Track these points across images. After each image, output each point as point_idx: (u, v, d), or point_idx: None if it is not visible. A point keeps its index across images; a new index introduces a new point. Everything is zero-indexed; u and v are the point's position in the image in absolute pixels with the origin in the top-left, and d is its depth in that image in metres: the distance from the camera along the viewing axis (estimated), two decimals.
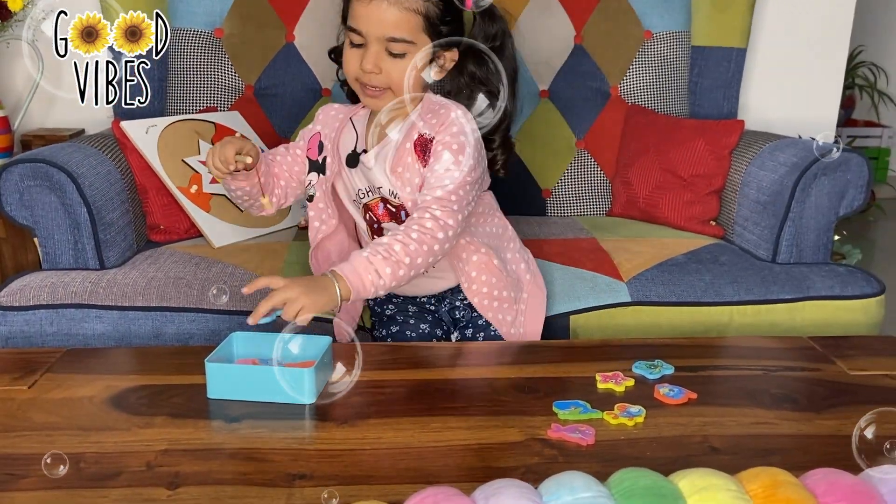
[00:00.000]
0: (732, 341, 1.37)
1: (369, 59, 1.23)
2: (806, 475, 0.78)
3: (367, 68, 1.23)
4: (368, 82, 1.25)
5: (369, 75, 1.23)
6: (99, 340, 1.44)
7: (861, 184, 1.66)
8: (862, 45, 4.04)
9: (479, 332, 1.38)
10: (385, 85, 1.25)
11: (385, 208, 1.32)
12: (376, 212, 1.33)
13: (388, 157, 1.28)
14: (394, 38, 1.22)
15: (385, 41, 1.22)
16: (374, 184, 1.31)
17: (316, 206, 1.36)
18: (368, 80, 1.24)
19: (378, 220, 1.33)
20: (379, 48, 1.22)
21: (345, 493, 0.83)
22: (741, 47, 2.05)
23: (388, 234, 1.20)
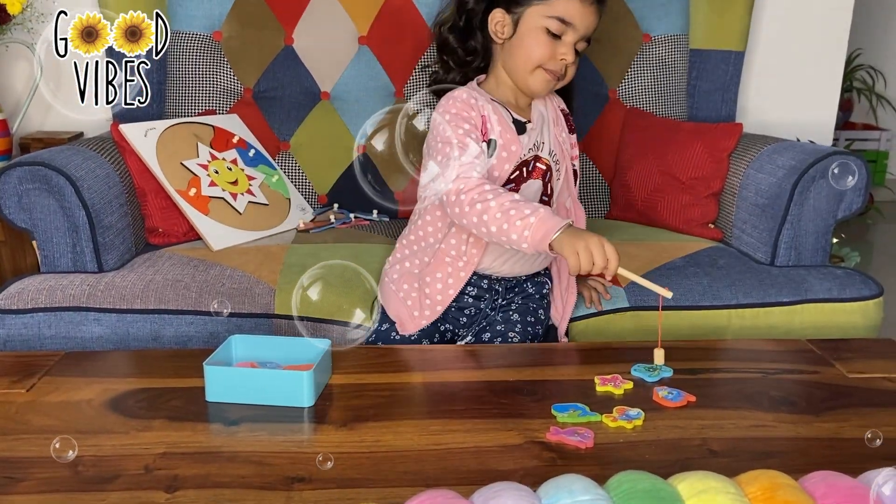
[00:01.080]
0: (731, 344, 1.37)
1: (571, 50, 1.35)
2: (805, 478, 0.78)
3: (569, 59, 1.35)
4: (556, 70, 1.35)
5: (562, 64, 1.35)
6: (97, 343, 1.44)
7: (859, 186, 1.66)
8: (860, 48, 4.05)
9: (496, 338, 1.39)
10: (563, 75, 1.37)
11: (535, 166, 1.40)
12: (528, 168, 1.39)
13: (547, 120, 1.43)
14: (590, 38, 1.37)
15: (581, 39, 1.36)
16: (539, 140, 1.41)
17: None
18: (558, 69, 1.35)
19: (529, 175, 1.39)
20: (578, 43, 1.35)
21: (343, 496, 0.84)
22: (739, 50, 2.05)
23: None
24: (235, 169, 1.77)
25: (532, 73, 1.36)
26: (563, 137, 1.46)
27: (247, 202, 1.74)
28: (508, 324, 1.40)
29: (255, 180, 1.79)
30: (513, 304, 1.43)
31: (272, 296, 1.47)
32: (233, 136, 1.83)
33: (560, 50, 1.34)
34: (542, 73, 1.36)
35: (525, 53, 1.36)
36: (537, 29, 1.34)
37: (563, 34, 1.34)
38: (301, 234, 1.77)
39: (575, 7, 1.33)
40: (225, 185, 1.73)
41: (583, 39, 1.36)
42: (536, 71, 1.36)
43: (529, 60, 1.36)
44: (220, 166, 1.75)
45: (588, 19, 1.34)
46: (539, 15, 1.34)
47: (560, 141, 1.45)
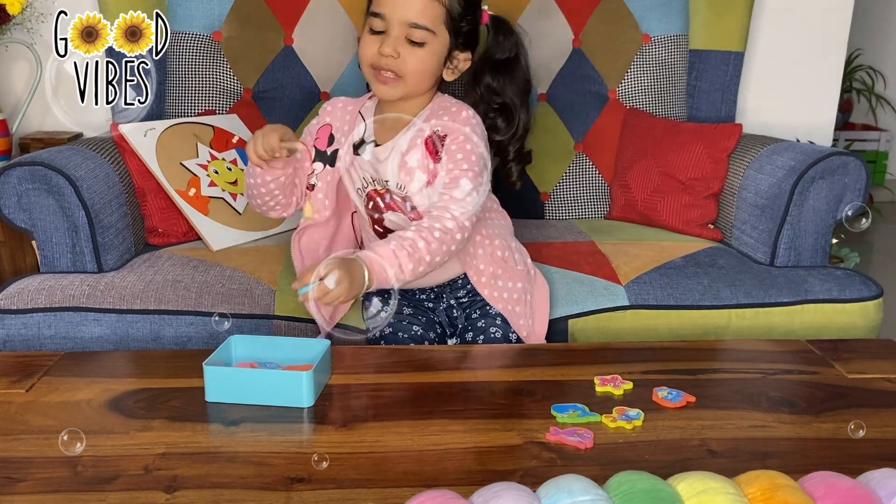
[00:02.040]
0: (730, 344, 1.37)
1: (389, 42, 1.26)
2: (804, 478, 0.78)
3: (385, 52, 1.25)
4: (385, 66, 1.27)
5: (387, 59, 1.26)
6: (97, 344, 1.44)
7: (859, 187, 1.66)
8: (859, 48, 4.05)
9: (479, 335, 1.38)
10: (400, 72, 1.27)
11: (391, 198, 1.35)
12: (383, 200, 1.36)
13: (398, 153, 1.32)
14: (416, 24, 1.25)
15: (407, 27, 1.25)
16: (382, 176, 1.34)
17: (315, 196, 1.38)
18: (385, 64, 1.27)
19: (382, 210, 1.36)
20: (399, 34, 1.26)
21: (343, 496, 0.84)
22: (739, 51, 2.05)
23: (409, 228, 1.23)
24: (235, 169, 1.77)
25: (370, 76, 1.31)
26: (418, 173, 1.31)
27: (246, 202, 1.74)
28: (488, 318, 1.38)
29: None
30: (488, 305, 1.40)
31: (272, 296, 1.47)
32: (232, 136, 1.82)
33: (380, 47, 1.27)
34: (374, 74, 1.30)
35: (360, 56, 1.32)
36: (366, 29, 1.30)
37: (385, 30, 1.27)
38: None
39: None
40: (225, 186, 1.73)
41: (411, 27, 1.25)
42: (370, 72, 1.30)
43: (363, 62, 1.31)
44: (219, 166, 1.75)
45: (401, 4, 1.24)
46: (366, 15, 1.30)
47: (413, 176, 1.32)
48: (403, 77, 1.28)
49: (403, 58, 1.26)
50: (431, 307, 1.44)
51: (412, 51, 1.27)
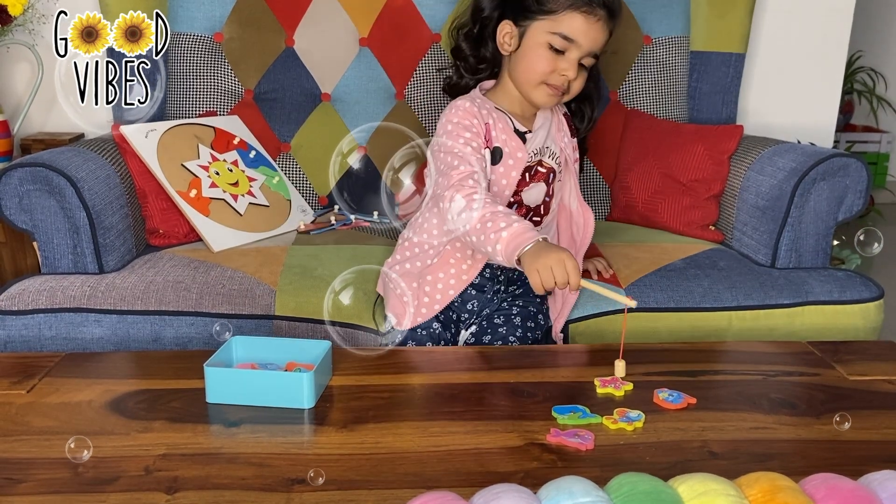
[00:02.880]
0: (731, 346, 1.37)
1: (574, 67, 1.35)
2: (805, 480, 0.78)
3: (571, 76, 1.35)
4: (559, 84, 1.36)
5: (564, 79, 1.35)
6: (98, 344, 1.44)
7: (860, 189, 1.66)
8: (860, 50, 4.05)
9: (497, 340, 1.39)
10: (566, 90, 1.38)
11: (537, 170, 1.43)
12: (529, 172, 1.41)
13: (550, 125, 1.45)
14: (596, 54, 1.37)
15: (587, 55, 1.35)
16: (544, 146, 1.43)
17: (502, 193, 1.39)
18: (561, 84, 1.36)
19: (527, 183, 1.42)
20: (578, 58, 1.35)
21: (343, 497, 0.84)
22: (740, 52, 2.05)
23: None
24: (236, 170, 1.77)
25: (536, 86, 1.38)
26: (566, 142, 1.48)
27: (247, 203, 1.74)
28: (510, 326, 1.40)
29: (255, 182, 1.79)
30: (515, 304, 1.43)
31: (273, 297, 1.47)
32: (233, 137, 1.83)
33: (562, 66, 1.35)
34: (545, 88, 1.37)
35: (528, 67, 1.37)
36: (541, 44, 1.35)
37: (566, 50, 1.34)
38: (301, 236, 1.77)
39: (579, 24, 1.33)
40: (226, 187, 1.73)
41: (589, 55, 1.36)
42: (539, 85, 1.37)
43: (532, 74, 1.37)
44: (220, 167, 1.75)
45: (593, 37, 1.34)
46: (543, 30, 1.35)
47: (563, 145, 1.47)
48: (568, 94, 1.39)
49: (575, 79, 1.37)
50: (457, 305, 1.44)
51: (581, 73, 1.38)
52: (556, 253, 1.15)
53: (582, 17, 1.33)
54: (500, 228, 1.20)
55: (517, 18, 1.38)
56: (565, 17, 1.33)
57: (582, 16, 1.33)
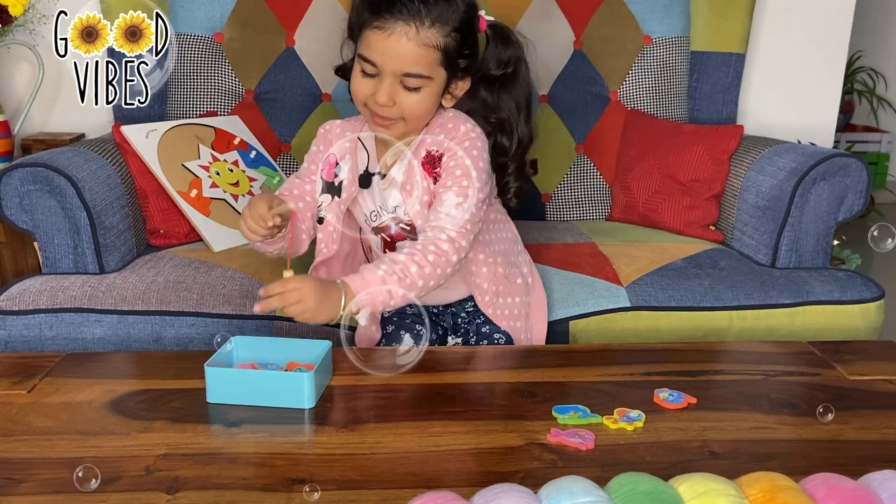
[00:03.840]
0: (732, 346, 1.37)
1: (383, 92, 1.18)
2: (805, 480, 0.78)
3: (380, 101, 1.18)
4: (380, 113, 1.21)
5: (382, 107, 1.20)
6: (98, 345, 1.44)
7: (860, 189, 1.66)
8: (861, 50, 4.04)
9: (482, 340, 1.37)
10: (398, 116, 1.21)
11: (398, 228, 1.31)
12: (388, 231, 1.32)
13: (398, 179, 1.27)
14: (410, 73, 1.17)
15: (400, 76, 1.18)
16: (390, 203, 1.29)
17: (325, 228, 1.30)
18: (380, 112, 1.20)
19: (393, 239, 1.32)
20: (393, 81, 1.18)
21: (344, 497, 0.84)
22: (740, 52, 2.05)
23: (401, 249, 1.20)
24: (237, 170, 1.77)
25: (365, 112, 1.24)
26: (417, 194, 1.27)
27: None
28: (491, 325, 1.37)
29: (256, 182, 1.79)
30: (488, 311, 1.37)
31: None
32: (234, 137, 1.83)
33: (372, 91, 1.19)
34: (369, 114, 1.23)
35: (352, 93, 1.23)
36: (357, 69, 1.21)
37: (377, 74, 1.18)
38: None
39: (372, 43, 1.16)
40: (226, 187, 1.73)
41: (405, 76, 1.17)
42: (365, 110, 1.23)
43: (356, 100, 1.23)
44: (221, 168, 1.75)
45: (393, 54, 1.15)
46: (357, 53, 1.21)
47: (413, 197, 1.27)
48: (402, 119, 1.22)
49: (400, 103, 1.19)
50: (436, 313, 1.43)
51: (408, 96, 1.19)
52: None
53: (372, 35, 1.16)
54: None
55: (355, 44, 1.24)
56: (363, 36, 1.18)
57: (372, 32, 1.16)
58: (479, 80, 1.29)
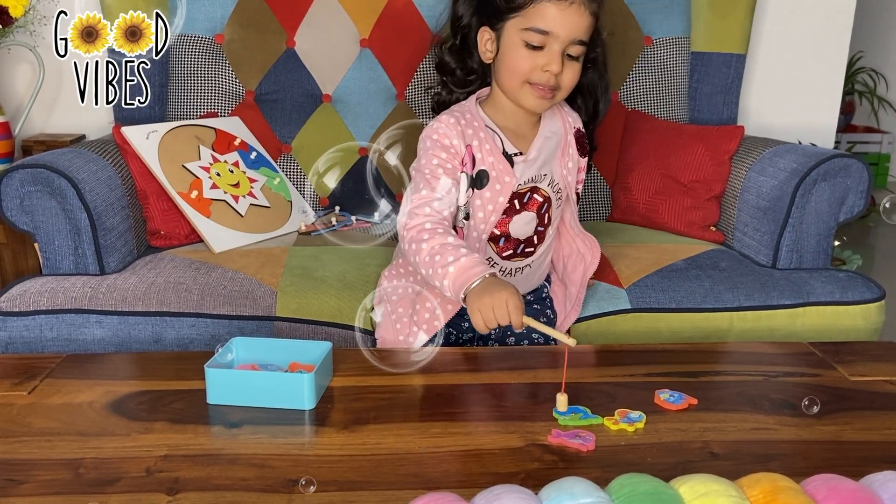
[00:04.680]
0: (732, 347, 1.36)
1: (556, 60, 1.25)
2: (806, 481, 0.78)
3: (555, 70, 1.25)
4: (546, 83, 1.26)
5: (548, 76, 1.25)
6: (99, 346, 1.44)
7: (861, 189, 1.66)
8: (861, 50, 4.05)
9: (522, 340, 1.38)
10: (557, 86, 1.28)
11: (531, 198, 1.35)
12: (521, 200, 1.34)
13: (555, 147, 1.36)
14: (582, 41, 1.26)
15: (570, 44, 1.25)
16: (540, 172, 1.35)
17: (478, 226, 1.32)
18: (546, 81, 1.26)
19: (516, 210, 1.34)
20: (561, 49, 1.25)
21: (345, 499, 0.84)
22: (741, 53, 2.05)
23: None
24: (237, 171, 1.77)
25: (520, 89, 1.29)
26: (570, 167, 1.39)
27: (248, 204, 1.74)
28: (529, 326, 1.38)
29: (256, 183, 1.79)
30: None
31: (273, 298, 1.47)
32: (234, 138, 1.83)
33: (541, 61, 1.25)
34: (530, 89, 1.28)
35: (508, 69, 1.28)
36: (516, 43, 1.26)
37: (544, 45, 1.25)
38: (302, 237, 1.77)
39: (550, 14, 1.23)
40: (226, 188, 1.73)
41: (574, 44, 1.25)
42: (524, 86, 1.28)
43: (513, 76, 1.28)
44: (221, 169, 1.75)
45: (570, 23, 1.24)
46: (517, 28, 1.26)
47: (566, 171, 1.38)
48: (560, 90, 1.29)
49: (563, 73, 1.27)
50: None
51: (570, 65, 1.27)
52: (499, 291, 1.09)
53: (552, 6, 1.23)
54: (447, 263, 1.14)
55: (493, 22, 1.30)
56: (535, 9, 1.24)
57: (551, 4, 1.23)
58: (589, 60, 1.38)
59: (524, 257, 1.39)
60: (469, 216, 1.32)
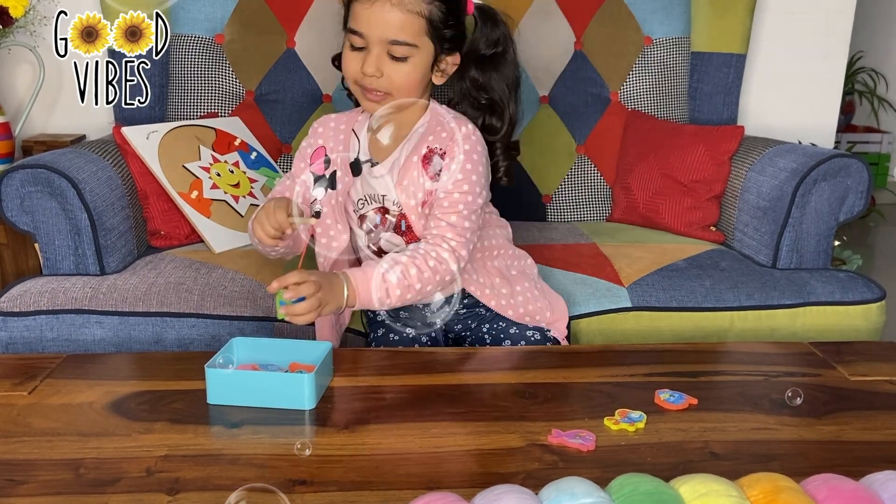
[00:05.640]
0: (733, 347, 1.36)
1: (370, 62, 1.20)
2: (806, 480, 0.78)
3: (368, 71, 1.21)
4: (369, 86, 1.23)
5: (370, 79, 1.22)
6: (99, 346, 1.44)
7: (861, 189, 1.66)
8: (861, 50, 4.05)
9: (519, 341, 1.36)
10: (387, 89, 1.23)
11: (383, 217, 1.31)
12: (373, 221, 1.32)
13: (396, 169, 1.28)
14: (396, 41, 1.20)
15: (387, 44, 1.20)
16: (378, 192, 1.30)
17: (324, 222, 1.31)
18: (370, 84, 1.22)
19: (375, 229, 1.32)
20: (380, 51, 1.20)
21: (345, 499, 0.84)
22: (741, 53, 2.05)
23: (404, 251, 1.21)
24: (237, 171, 1.77)
25: (356, 92, 1.26)
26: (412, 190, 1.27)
27: (249, 205, 1.74)
28: (520, 325, 1.38)
29: (256, 183, 1.79)
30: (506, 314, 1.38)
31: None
32: (235, 138, 1.83)
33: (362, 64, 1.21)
34: (360, 91, 1.25)
35: (344, 73, 1.26)
36: (346, 46, 1.24)
37: (364, 46, 1.21)
38: None
39: (359, 13, 1.20)
40: (227, 188, 1.73)
41: (391, 44, 1.20)
42: (356, 89, 1.25)
43: (347, 79, 1.26)
44: (222, 169, 1.75)
45: (379, 21, 1.18)
46: (346, 30, 1.24)
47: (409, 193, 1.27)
48: (391, 93, 1.23)
49: (388, 75, 1.21)
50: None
51: (396, 67, 1.21)
52: None
53: (359, 6, 1.20)
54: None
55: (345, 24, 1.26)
56: (351, 9, 1.22)
57: (359, 4, 1.20)
58: (470, 61, 1.30)
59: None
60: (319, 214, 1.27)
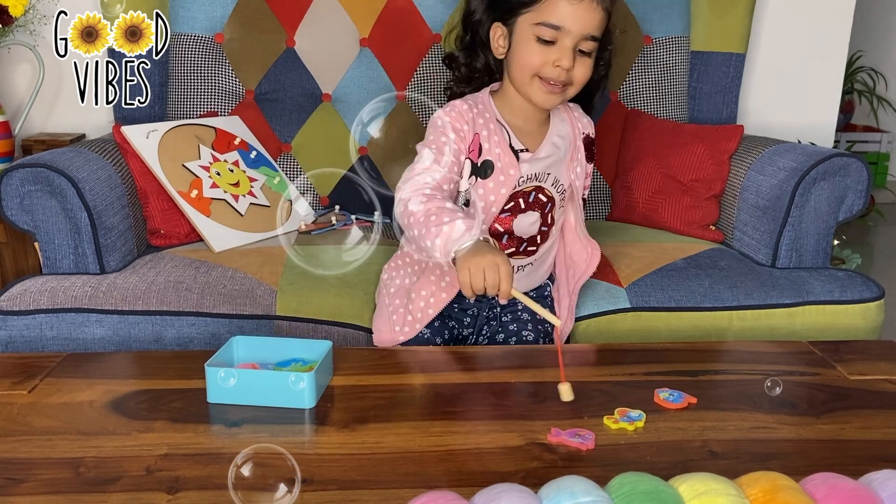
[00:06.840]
0: (732, 346, 1.37)
1: (567, 55, 1.25)
2: (806, 479, 0.78)
3: (565, 65, 1.26)
4: (556, 78, 1.27)
5: (559, 70, 1.27)
6: (99, 345, 1.44)
7: (860, 188, 1.66)
8: (861, 50, 4.05)
9: (511, 338, 1.39)
10: (567, 81, 1.29)
11: (535, 197, 1.35)
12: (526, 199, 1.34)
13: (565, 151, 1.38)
14: (593, 36, 1.27)
15: (582, 40, 1.26)
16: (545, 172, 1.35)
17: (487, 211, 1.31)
18: (557, 77, 1.27)
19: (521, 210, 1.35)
20: (573, 45, 1.26)
21: (344, 497, 0.84)
22: (740, 52, 2.05)
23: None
24: (237, 171, 1.77)
25: (530, 83, 1.30)
26: (578, 171, 1.40)
27: (248, 204, 1.74)
28: (520, 322, 1.39)
29: (256, 182, 1.79)
30: (518, 304, 1.42)
31: (273, 297, 1.47)
32: (234, 137, 1.83)
33: (553, 56, 1.26)
34: (539, 83, 1.29)
35: (519, 64, 1.29)
36: (529, 38, 1.27)
37: (556, 39, 1.26)
38: (302, 236, 1.77)
39: (563, 9, 1.24)
40: (226, 187, 1.73)
41: (585, 39, 1.26)
42: (534, 81, 1.29)
43: (524, 70, 1.29)
44: (221, 168, 1.75)
45: (582, 19, 1.25)
46: (529, 23, 1.27)
47: (573, 175, 1.39)
48: (571, 86, 1.30)
49: (574, 69, 1.28)
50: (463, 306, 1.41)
51: (581, 61, 1.28)
52: (491, 255, 1.08)
53: (564, 1, 1.24)
54: (442, 223, 1.13)
55: (505, 18, 1.30)
56: (547, 4, 1.25)
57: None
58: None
59: (526, 255, 1.39)
60: (469, 203, 1.32)
